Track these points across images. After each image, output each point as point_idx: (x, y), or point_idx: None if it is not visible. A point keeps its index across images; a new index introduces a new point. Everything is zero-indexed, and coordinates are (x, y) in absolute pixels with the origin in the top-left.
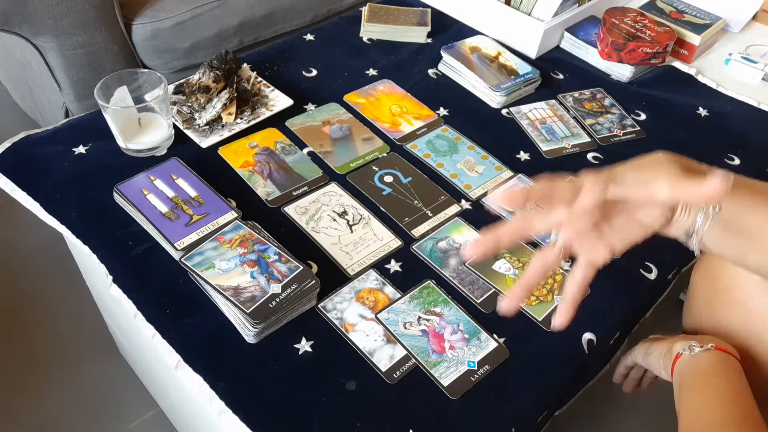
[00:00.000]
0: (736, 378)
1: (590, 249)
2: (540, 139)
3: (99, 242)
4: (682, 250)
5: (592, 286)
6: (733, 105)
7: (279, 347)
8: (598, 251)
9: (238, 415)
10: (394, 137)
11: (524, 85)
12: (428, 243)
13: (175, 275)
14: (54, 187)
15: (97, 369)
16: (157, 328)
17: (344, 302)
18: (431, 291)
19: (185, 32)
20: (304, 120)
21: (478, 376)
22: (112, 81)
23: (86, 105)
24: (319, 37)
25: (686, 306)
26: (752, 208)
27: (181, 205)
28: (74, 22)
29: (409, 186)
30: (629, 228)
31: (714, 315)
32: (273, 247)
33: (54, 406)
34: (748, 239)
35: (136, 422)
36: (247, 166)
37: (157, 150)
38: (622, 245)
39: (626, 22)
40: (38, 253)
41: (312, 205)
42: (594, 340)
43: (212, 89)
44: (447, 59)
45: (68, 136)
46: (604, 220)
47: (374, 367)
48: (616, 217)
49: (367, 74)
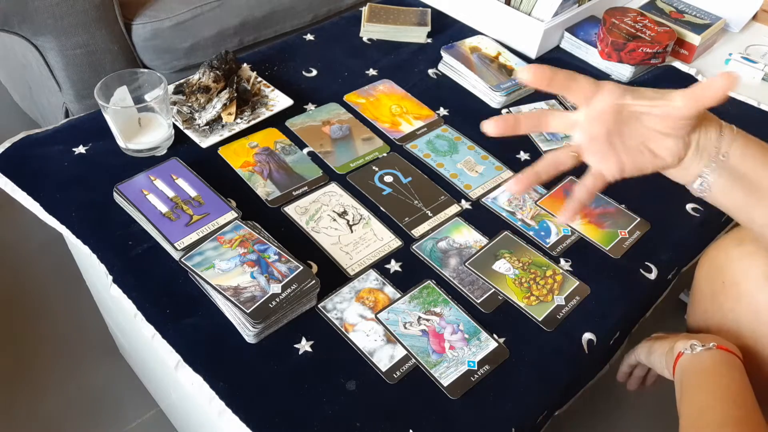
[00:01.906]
0: (738, 377)
1: (601, 159)
2: (540, 139)
3: (99, 242)
4: (682, 250)
5: (592, 286)
6: (733, 105)
7: (279, 347)
8: (608, 163)
9: (238, 415)
10: (394, 137)
11: (524, 85)
12: (428, 243)
13: (175, 275)
14: (54, 187)
15: (97, 369)
16: (157, 328)
17: (344, 302)
18: (431, 291)
19: (185, 32)
20: (304, 120)
21: (478, 376)
22: (112, 81)
23: (86, 105)
24: (319, 37)
25: (690, 304)
26: (762, 163)
27: (181, 205)
28: (74, 22)
29: (409, 186)
30: (641, 154)
31: (721, 309)
32: (273, 247)
33: (54, 406)
34: (756, 193)
35: (136, 422)
36: (247, 166)
37: (157, 150)
38: (632, 168)
39: (626, 22)
40: (38, 253)
41: (312, 205)
42: (594, 340)
43: (212, 89)
44: (447, 59)
45: (68, 136)
46: (617, 134)
47: (374, 367)
48: (630, 136)
49: (367, 74)
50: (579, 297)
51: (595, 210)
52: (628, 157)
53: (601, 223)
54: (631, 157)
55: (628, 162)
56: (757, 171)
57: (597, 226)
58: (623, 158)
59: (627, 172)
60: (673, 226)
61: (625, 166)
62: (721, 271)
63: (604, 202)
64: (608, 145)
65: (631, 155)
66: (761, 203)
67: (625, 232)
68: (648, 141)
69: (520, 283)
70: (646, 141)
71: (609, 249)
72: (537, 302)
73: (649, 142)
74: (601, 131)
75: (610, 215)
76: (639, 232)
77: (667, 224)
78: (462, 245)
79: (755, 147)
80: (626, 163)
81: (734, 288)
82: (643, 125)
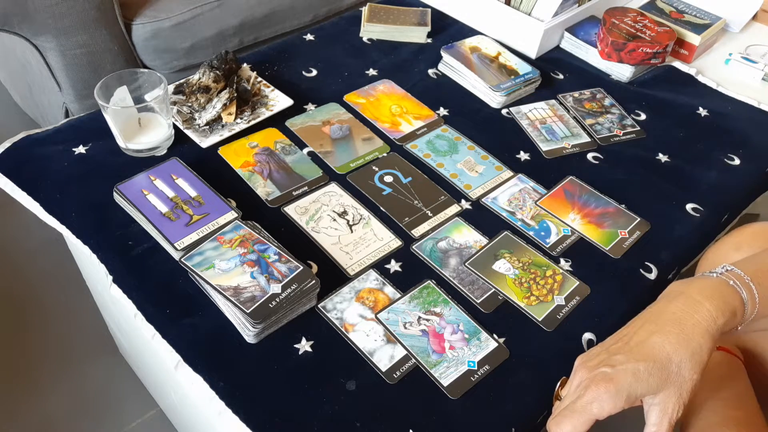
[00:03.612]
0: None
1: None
2: (540, 139)
3: (99, 242)
4: (682, 250)
5: (592, 286)
6: (733, 105)
7: (279, 347)
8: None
9: (237, 415)
10: (394, 137)
11: (524, 85)
12: (428, 243)
13: (175, 275)
14: (54, 187)
15: (97, 369)
16: (157, 328)
17: (344, 302)
18: (431, 291)
19: (185, 32)
20: (304, 120)
21: (478, 376)
22: (112, 81)
23: (86, 105)
24: (319, 37)
25: None
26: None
27: (181, 205)
28: (74, 22)
29: (409, 186)
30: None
31: None
32: (273, 247)
33: (54, 406)
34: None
35: (136, 422)
36: (247, 166)
37: (157, 150)
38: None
39: (626, 22)
40: (38, 253)
41: (312, 205)
42: (594, 340)
43: (212, 89)
44: (447, 59)
45: (68, 136)
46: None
47: (374, 367)
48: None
49: (367, 74)
50: (579, 297)
51: (595, 210)
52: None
53: (601, 223)
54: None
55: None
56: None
57: (597, 226)
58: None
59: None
60: (673, 226)
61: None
62: None
63: (604, 202)
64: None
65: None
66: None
67: (625, 232)
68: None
69: (520, 283)
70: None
71: (609, 249)
72: (537, 302)
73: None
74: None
75: (610, 215)
76: (639, 232)
77: (667, 224)
78: (462, 245)
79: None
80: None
81: None
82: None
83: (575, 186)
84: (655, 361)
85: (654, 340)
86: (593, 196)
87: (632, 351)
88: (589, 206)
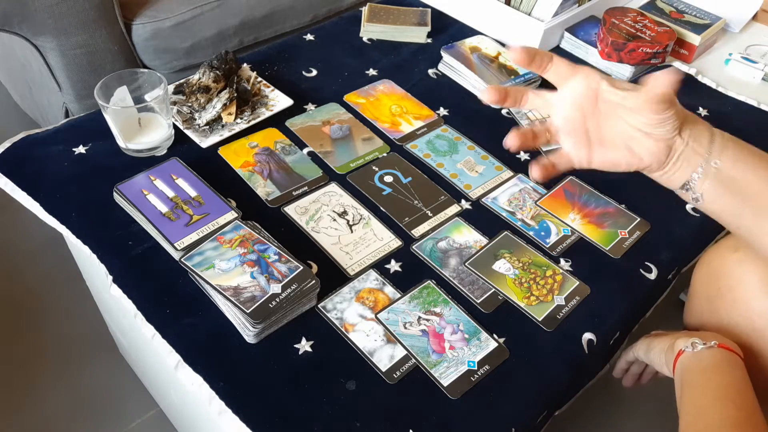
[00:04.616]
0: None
1: (573, 143)
2: None
3: (99, 242)
4: (682, 250)
5: (592, 286)
6: (733, 105)
7: (279, 347)
8: (579, 149)
9: (238, 415)
10: (394, 137)
11: (524, 85)
12: (428, 243)
13: (175, 275)
14: (54, 187)
15: (97, 369)
16: (157, 328)
17: (344, 302)
18: (431, 291)
19: (185, 32)
20: (304, 120)
21: (478, 376)
22: (112, 81)
23: (86, 105)
24: (319, 37)
25: (687, 305)
26: (752, 168)
27: (181, 205)
28: (74, 22)
29: (409, 186)
30: (616, 149)
31: (717, 313)
32: (273, 247)
33: (54, 405)
34: (745, 199)
35: (136, 422)
36: (247, 166)
37: (157, 150)
38: (602, 160)
39: (626, 22)
40: (38, 253)
41: (312, 205)
42: (594, 340)
43: (212, 89)
44: (447, 59)
45: (68, 136)
46: (593, 122)
47: (374, 367)
48: (609, 129)
49: (367, 74)
50: (579, 297)
51: (595, 210)
52: (600, 148)
53: (601, 223)
54: (605, 149)
55: (600, 153)
56: (747, 175)
57: (597, 226)
58: (595, 147)
59: (595, 163)
60: (673, 226)
61: (594, 156)
62: (717, 277)
63: (604, 202)
64: (582, 130)
65: (605, 147)
66: (748, 208)
67: (625, 232)
68: (628, 139)
69: (520, 283)
70: (626, 138)
71: (609, 249)
72: (537, 302)
73: (629, 139)
74: (575, 114)
75: (610, 215)
76: (639, 232)
77: (667, 224)
78: (462, 245)
79: (746, 152)
80: (597, 153)
81: (729, 294)
82: (624, 121)
83: (575, 186)
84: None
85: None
86: (593, 196)
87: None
88: (589, 206)
